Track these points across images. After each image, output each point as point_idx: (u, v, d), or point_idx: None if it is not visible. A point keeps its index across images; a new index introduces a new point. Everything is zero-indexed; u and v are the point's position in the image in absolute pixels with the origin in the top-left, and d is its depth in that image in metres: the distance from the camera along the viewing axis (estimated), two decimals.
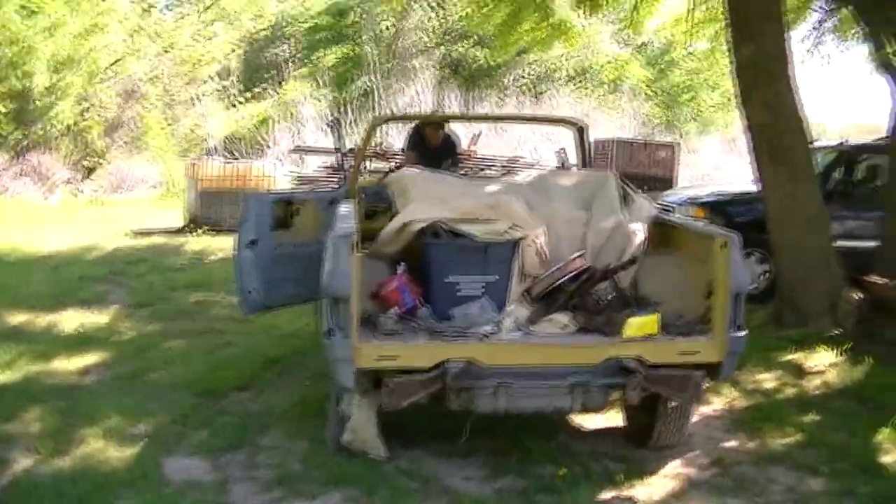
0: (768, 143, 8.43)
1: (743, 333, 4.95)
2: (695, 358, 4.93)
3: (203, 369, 6.97)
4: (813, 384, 6.92)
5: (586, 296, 5.17)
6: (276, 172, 14.17)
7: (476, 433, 5.59)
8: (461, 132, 8.84)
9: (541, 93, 29.49)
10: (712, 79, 35.37)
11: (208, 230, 12.94)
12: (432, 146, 7.96)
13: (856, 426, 6.08)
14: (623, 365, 4.81)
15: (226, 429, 5.80)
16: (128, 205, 16.22)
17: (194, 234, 12.87)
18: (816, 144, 10.13)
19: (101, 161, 20.14)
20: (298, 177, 15.49)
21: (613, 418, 6.06)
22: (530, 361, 4.81)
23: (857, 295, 7.90)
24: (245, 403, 6.37)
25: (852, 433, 5.98)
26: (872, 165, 11.10)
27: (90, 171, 19.98)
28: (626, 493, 5.11)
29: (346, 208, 6.14)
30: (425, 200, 5.17)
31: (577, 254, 5.29)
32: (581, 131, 7.42)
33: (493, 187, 5.66)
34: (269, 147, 20.05)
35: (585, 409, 4.97)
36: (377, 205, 7.26)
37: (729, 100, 36.84)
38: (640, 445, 5.72)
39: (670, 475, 5.37)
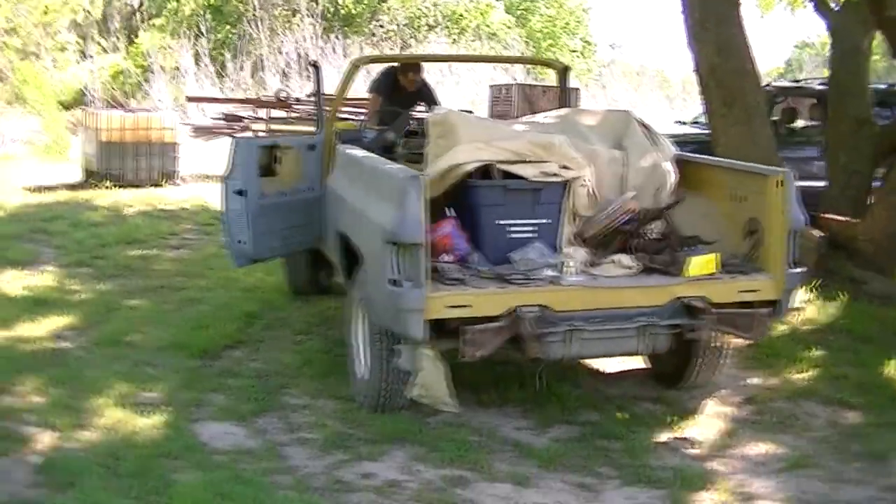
0: (720, 85, 8.44)
1: (799, 270, 4.94)
2: (754, 296, 4.89)
3: (184, 329, 6.49)
4: (799, 320, 7.03)
5: (639, 236, 5.04)
6: (177, 123, 13.39)
7: (500, 383, 5.44)
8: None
9: (407, 40, 29.13)
10: (570, 25, 36.11)
11: (113, 184, 12.11)
12: (406, 91, 7.64)
13: (861, 359, 6.19)
14: (689, 305, 4.71)
15: (242, 391, 5.43)
16: (6, 160, 15.02)
17: (98, 188, 12.02)
18: None
19: None
20: (196, 128, 14.77)
21: (628, 360, 6.00)
22: (599, 305, 4.65)
23: (815, 233, 8.07)
24: (246, 363, 5.97)
25: (860, 366, 6.11)
26: (791, 108, 11.46)
27: None
28: (680, 434, 5.06)
29: (359, 151, 5.81)
30: (473, 142, 4.88)
31: (630, 194, 5.13)
32: (564, 72, 7.28)
33: (535, 128, 5.40)
34: (148, 97, 19.02)
35: (651, 352, 4.86)
36: None
37: (587, 45, 37.78)
38: (669, 386, 5.67)
39: (713, 415, 5.35)
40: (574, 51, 35.32)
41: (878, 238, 7.93)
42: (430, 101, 7.71)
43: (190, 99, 16.22)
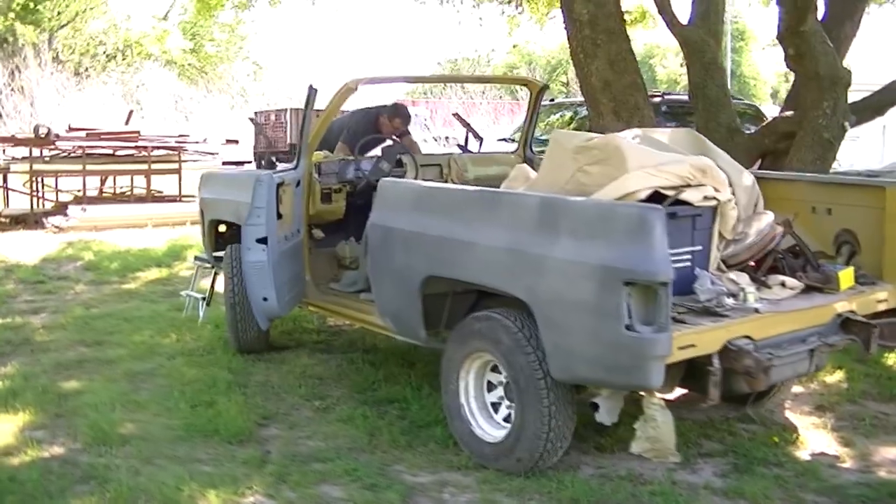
0: (614, 100, 8.53)
1: None
2: (883, 305, 4.93)
3: (181, 412, 5.34)
4: None
5: (783, 256, 4.91)
6: None
7: None
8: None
9: (84, 70, 27.27)
10: (243, 50, 35.53)
11: None
12: (384, 136, 7.11)
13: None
14: (849, 320, 4.66)
15: (350, 477, 4.50)
16: None
17: None
18: None
19: None
20: None
21: None
22: (784, 330, 4.45)
23: None
24: (303, 441, 5.02)
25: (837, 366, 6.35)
26: None
27: None
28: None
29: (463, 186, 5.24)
30: (643, 167, 4.47)
31: (770, 214, 4.98)
32: (542, 91, 7.07)
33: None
34: None
35: (815, 371, 4.74)
36: (333, 185, 6.29)
37: (259, 68, 37.32)
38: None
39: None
40: (248, 75, 34.70)
41: None
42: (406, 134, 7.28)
43: None
